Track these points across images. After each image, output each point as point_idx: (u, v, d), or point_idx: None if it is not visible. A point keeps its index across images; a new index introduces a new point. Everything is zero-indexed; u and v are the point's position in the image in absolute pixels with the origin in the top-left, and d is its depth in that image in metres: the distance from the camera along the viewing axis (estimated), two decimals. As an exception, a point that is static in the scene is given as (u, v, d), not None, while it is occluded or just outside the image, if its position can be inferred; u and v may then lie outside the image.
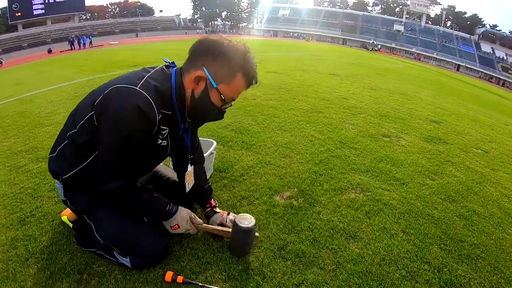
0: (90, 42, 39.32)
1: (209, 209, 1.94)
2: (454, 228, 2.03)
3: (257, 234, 1.75)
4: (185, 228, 1.71)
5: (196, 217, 1.77)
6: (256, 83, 1.59)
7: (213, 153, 2.50)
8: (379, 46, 53.35)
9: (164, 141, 1.65)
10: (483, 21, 76.49)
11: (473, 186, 2.69)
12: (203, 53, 1.53)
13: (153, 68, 1.61)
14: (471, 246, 1.89)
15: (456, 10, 78.21)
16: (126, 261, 1.64)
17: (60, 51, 34.16)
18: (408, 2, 70.89)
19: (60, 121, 4.47)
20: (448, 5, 78.91)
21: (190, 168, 1.88)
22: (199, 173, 2.00)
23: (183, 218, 1.70)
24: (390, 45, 59.04)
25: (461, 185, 2.67)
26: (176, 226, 1.69)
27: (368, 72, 11.94)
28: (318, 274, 1.60)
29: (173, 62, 1.65)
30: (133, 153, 1.51)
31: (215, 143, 2.55)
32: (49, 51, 36.98)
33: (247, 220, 1.68)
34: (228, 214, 1.92)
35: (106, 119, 1.47)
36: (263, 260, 1.68)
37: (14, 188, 2.61)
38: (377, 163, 2.88)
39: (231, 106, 1.65)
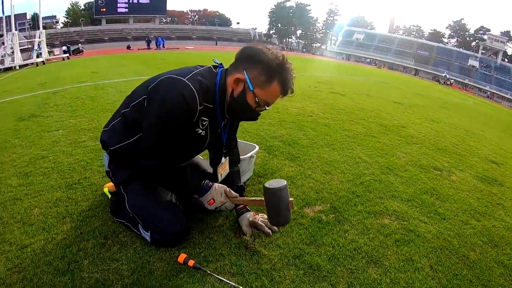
0: (163, 45, 41.17)
1: (241, 206, 1.98)
2: (489, 274, 1.81)
3: (291, 199, 1.68)
4: (220, 201, 1.75)
5: (231, 191, 1.80)
6: (292, 93, 1.68)
7: (253, 157, 2.50)
8: (451, 81, 50.67)
9: (203, 131, 1.76)
10: None
11: (522, 234, 2.43)
12: (246, 58, 1.66)
13: (203, 66, 1.75)
14: (504, 297, 1.68)
15: (535, 49, 72.45)
16: (147, 235, 1.76)
17: (138, 49, 36.55)
18: (485, 37, 66.90)
19: None
20: (528, 43, 73.46)
21: (223, 160, 1.98)
22: (233, 172, 2.09)
23: (218, 192, 1.76)
24: (463, 81, 55.51)
25: (508, 231, 2.39)
26: (212, 200, 1.75)
27: (434, 104, 11.38)
28: (327, 289, 1.52)
29: (221, 63, 1.78)
30: (171, 136, 1.63)
31: (257, 147, 2.57)
32: (128, 47, 39.46)
33: (276, 182, 1.65)
34: (257, 214, 1.95)
35: (153, 102, 1.63)
36: (275, 264, 1.65)
37: (70, 159, 2.95)
38: (421, 194, 2.69)
39: (266, 110, 1.74)
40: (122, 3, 61.73)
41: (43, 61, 20.49)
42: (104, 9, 60.44)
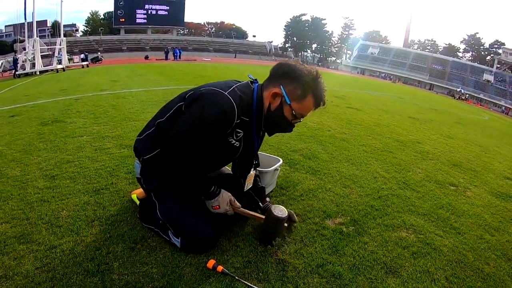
0: (179, 55, 41.50)
1: (266, 203, 2.13)
2: (503, 287, 1.87)
3: (286, 224, 1.88)
4: (224, 209, 1.85)
5: (236, 201, 1.89)
6: (324, 105, 1.76)
7: (277, 170, 2.59)
8: (466, 95, 49.86)
9: (237, 143, 1.82)
10: None
11: (536, 250, 2.45)
12: (282, 74, 1.73)
13: (240, 81, 1.82)
14: (517, 310, 1.72)
15: (549, 62, 70.51)
16: (177, 241, 1.80)
17: (156, 59, 36.76)
18: (500, 51, 65.60)
19: (147, 118, 4.72)
20: (542, 57, 71.82)
21: (252, 172, 2.05)
22: (255, 175, 2.17)
23: (224, 200, 1.84)
24: (478, 95, 54.33)
25: (522, 246, 2.45)
26: (217, 206, 1.83)
27: (448, 119, 11.31)
28: (350, 298, 1.58)
29: (256, 79, 1.86)
30: (199, 142, 1.67)
31: (281, 160, 2.66)
32: (146, 58, 39.78)
33: (281, 211, 1.81)
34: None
35: (191, 108, 1.69)
36: (300, 272, 1.71)
37: (96, 164, 2.96)
38: (437, 209, 2.74)
39: (300, 122, 1.80)
40: (141, 13, 62.89)
41: (63, 68, 20.81)
42: (123, 19, 61.59)
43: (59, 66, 21.01)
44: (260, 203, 2.14)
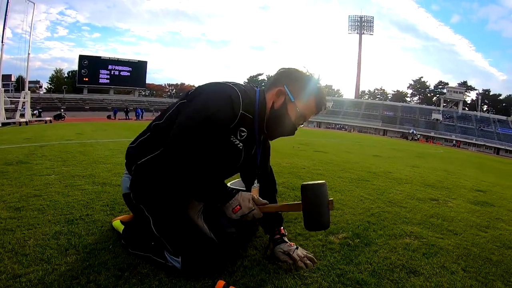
0: (142, 115, 42.23)
1: (278, 236, 1.83)
2: (515, 270, 1.84)
3: (331, 198, 1.49)
4: (248, 207, 1.51)
5: (260, 198, 1.58)
6: (325, 110, 1.72)
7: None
8: (418, 136, 52.39)
9: (240, 144, 1.64)
10: (519, 101, 73.10)
11: (529, 238, 2.47)
12: (285, 75, 1.69)
13: None
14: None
15: (491, 93, 76.09)
16: (177, 262, 1.51)
17: (118, 119, 37.38)
18: (445, 91, 70.25)
19: (119, 162, 4.58)
20: (483, 89, 77.43)
21: (256, 185, 1.87)
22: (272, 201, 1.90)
23: (245, 198, 1.53)
24: (429, 134, 57.32)
25: (515, 236, 2.47)
26: (238, 207, 1.50)
27: (409, 155, 11.85)
28: (381, 300, 1.46)
29: (256, 86, 1.80)
30: (205, 135, 1.47)
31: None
32: (109, 117, 39.80)
33: (316, 181, 1.49)
34: (297, 248, 1.77)
35: (195, 100, 1.55)
36: (322, 283, 1.53)
37: (68, 198, 2.64)
38: (428, 218, 2.74)
39: (301, 125, 1.74)
40: (104, 74, 63.75)
41: (26, 122, 19.40)
42: (87, 79, 62.04)
43: (22, 120, 19.51)
44: (270, 235, 1.86)
